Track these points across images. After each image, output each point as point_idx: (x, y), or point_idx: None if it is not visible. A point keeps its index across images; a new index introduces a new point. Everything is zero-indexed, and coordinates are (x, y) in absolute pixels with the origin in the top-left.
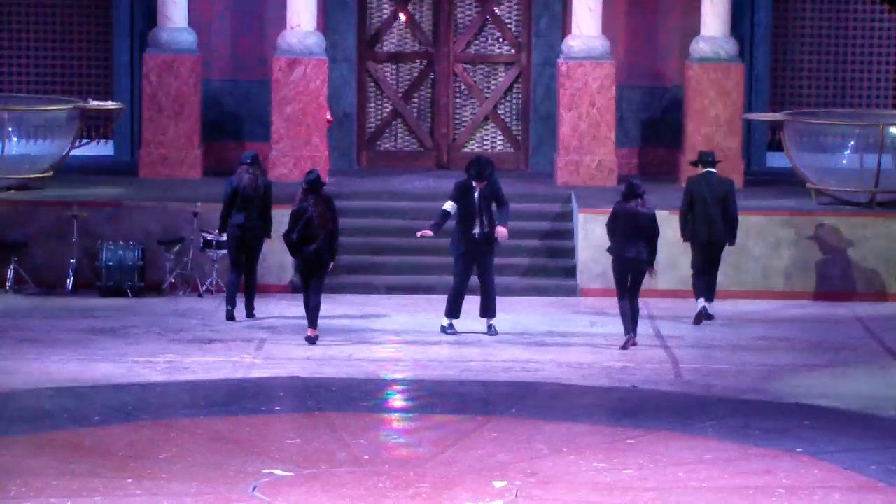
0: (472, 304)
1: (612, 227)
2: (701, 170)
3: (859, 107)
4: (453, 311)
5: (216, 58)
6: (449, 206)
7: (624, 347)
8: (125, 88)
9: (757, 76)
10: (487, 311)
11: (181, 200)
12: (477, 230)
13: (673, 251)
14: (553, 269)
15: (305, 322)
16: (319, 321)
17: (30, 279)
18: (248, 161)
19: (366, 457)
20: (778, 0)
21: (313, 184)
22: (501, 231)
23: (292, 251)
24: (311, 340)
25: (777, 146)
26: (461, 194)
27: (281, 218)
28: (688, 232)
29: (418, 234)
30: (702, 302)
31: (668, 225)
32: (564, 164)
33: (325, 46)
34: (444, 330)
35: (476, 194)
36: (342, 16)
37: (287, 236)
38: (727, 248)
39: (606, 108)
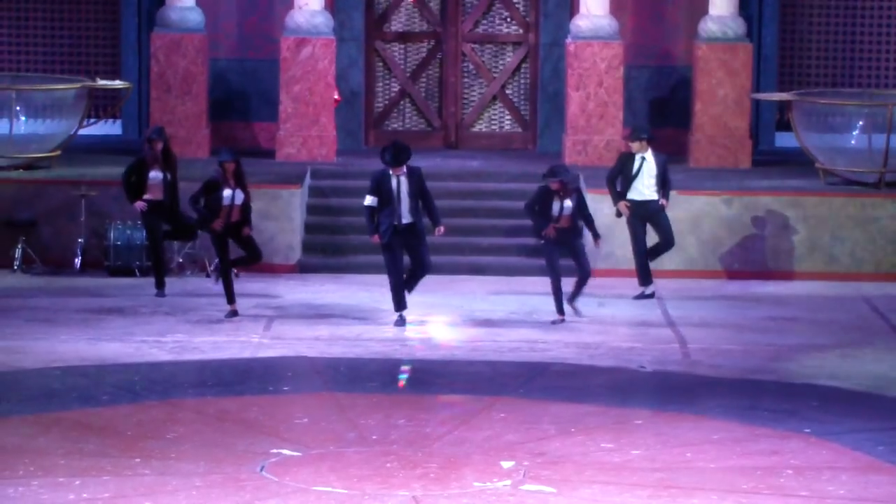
0: (481, 284)
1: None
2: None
3: (868, 87)
4: (399, 304)
5: (224, 37)
6: (369, 200)
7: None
8: (133, 67)
9: (765, 56)
10: (409, 286)
11: (189, 180)
12: (397, 220)
13: (681, 230)
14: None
15: (315, 301)
16: (333, 301)
17: (38, 258)
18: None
19: (374, 437)
20: None
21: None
22: (440, 230)
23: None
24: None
25: (785, 126)
26: (378, 184)
27: (291, 199)
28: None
29: (372, 240)
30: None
31: (676, 204)
32: (572, 144)
33: (333, 26)
34: (396, 324)
35: (394, 182)
36: None
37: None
38: (734, 229)
39: (614, 88)
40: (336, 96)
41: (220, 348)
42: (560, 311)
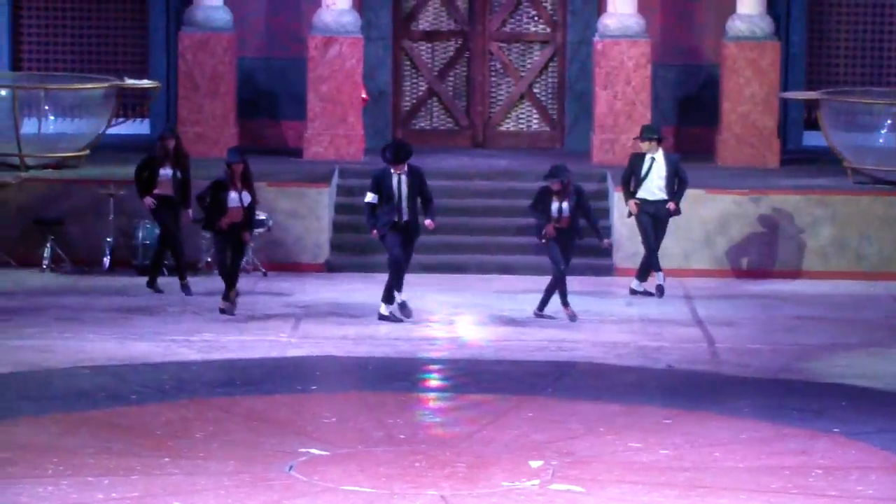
0: (508, 283)
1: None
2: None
3: None
4: (398, 286)
5: (252, 35)
6: (370, 197)
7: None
8: (161, 66)
9: (793, 54)
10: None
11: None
12: (397, 217)
13: (709, 229)
14: (588, 248)
15: (343, 300)
16: (361, 300)
17: (66, 258)
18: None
19: (402, 436)
20: None
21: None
22: (429, 223)
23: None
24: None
25: (813, 125)
26: (379, 182)
27: (318, 198)
28: None
29: (372, 235)
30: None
31: (704, 204)
32: (600, 142)
33: (361, 24)
34: (396, 309)
35: (395, 181)
36: None
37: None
38: (762, 228)
39: (642, 87)
40: (363, 95)
41: (249, 347)
42: (565, 303)
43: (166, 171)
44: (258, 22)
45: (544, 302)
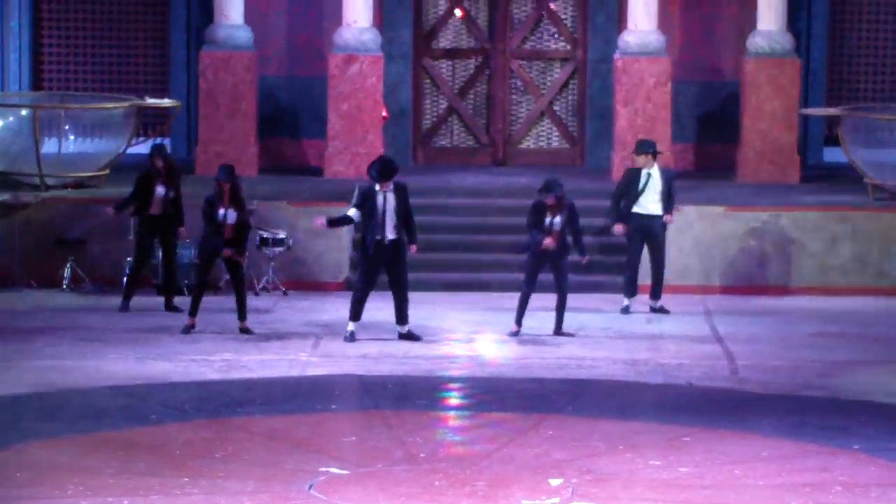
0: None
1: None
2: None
3: None
4: (356, 315)
5: (272, 54)
6: (352, 213)
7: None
8: (181, 85)
9: (814, 70)
10: (402, 317)
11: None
12: (380, 236)
13: (729, 246)
14: (609, 265)
15: (362, 319)
16: (381, 318)
17: (87, 277)
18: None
19: (422, 455)
20: None
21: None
22: (413, 250)
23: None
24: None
25: (834, 141)
26: (364, 199)
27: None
28: None
29: (315, 225)
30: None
31: (725, 220)
32: (620, 159)
33: (381, 43)
34: (346, 338)
35: (381, 199)
36: (398, 12)
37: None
38: (782, 245)
39: (662, 104)
40: (384, 113)
41: (269, 366)
42: (518, 322)
43: (159, 189)
44: (279, 40)
45: (558, 322)
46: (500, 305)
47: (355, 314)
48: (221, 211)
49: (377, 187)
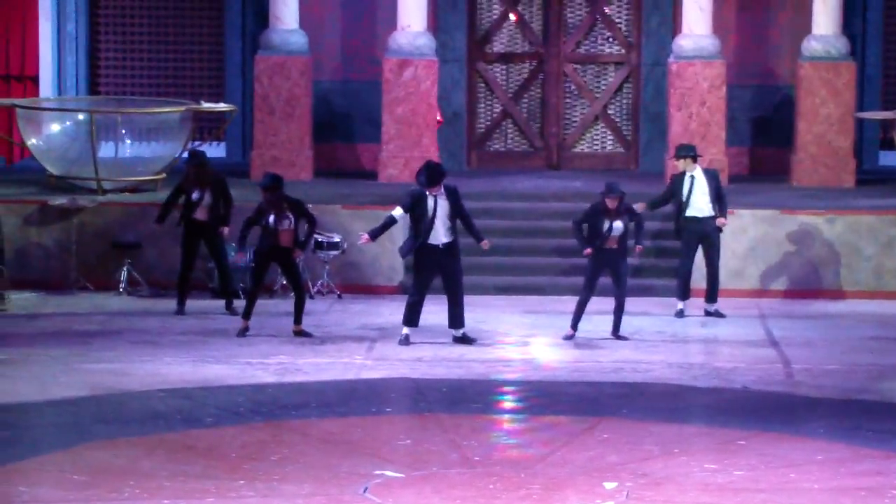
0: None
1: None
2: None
3: None
4: (410, 319)
5: (327, 58)
6: (397, 213)
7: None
8: (237, 90)
9: (869, 74)
10: (456, 321)
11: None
12: (435, 240)
13: (784, 250)
14: (664, 269)
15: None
16: (436, 322)
17: (143, 281)
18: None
19: (476, 458)
20: None
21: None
22: (486, 244)
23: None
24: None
25: (889, 145)
26: (414, 203)
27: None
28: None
29: (359, 242)
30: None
31: (780, 224)
32: (675, 164)
33: (436, 47)
34: (401, 341)
35: (431, 203)
36: (452, 16)
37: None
38: (838, 249)
39: (717, 108)
40: (438, 117)
41: (324, 370)
42: (574, 326)
43: (196, 195)
44: (334, 45)
45: (616, 324)
46: (554, 309)
47: (410, 319)
48: (272, 217)
49: (427, 192)
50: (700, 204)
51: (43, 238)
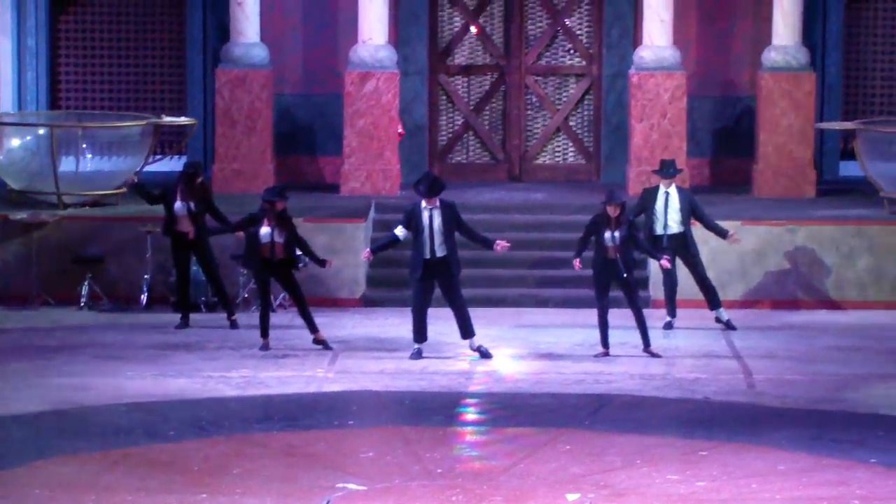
0: (546, 316)
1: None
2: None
3: None
4: (419, 335)
5: (288, 72)
6: (399, 231)
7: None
8: (198, 103)
9: (829, 85)
10: (466, 331)
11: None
12: (428, 254)
13: (745, 260)
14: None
15: (380, 335)
16: (398, 335)
17: (104, 295)
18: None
19: (439, 470)
20: (850, 8)
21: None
22: (503, 244)
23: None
24: (326, 344)
25: (850, 155)
26: (410, 218)
27: (355, 233)
28: None
29: (362, 257)
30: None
31: (741, 235)
32: (636, 175)
33: (397, 60)
34: (412, 356)
35: (427, 215)
36: (414, 29)
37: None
38: (799, 259)
39: (678, 119)
40: (400, 130)
41: (286, 383)
42: (604, 344)
43: (179, 205)
44: (295, 58)
45: (645, 339)
46: (517, 321)
47: (418, 334)
48: (266, 229)
49: (423, 204)
50: (672, 221)
51: (4, 253)
